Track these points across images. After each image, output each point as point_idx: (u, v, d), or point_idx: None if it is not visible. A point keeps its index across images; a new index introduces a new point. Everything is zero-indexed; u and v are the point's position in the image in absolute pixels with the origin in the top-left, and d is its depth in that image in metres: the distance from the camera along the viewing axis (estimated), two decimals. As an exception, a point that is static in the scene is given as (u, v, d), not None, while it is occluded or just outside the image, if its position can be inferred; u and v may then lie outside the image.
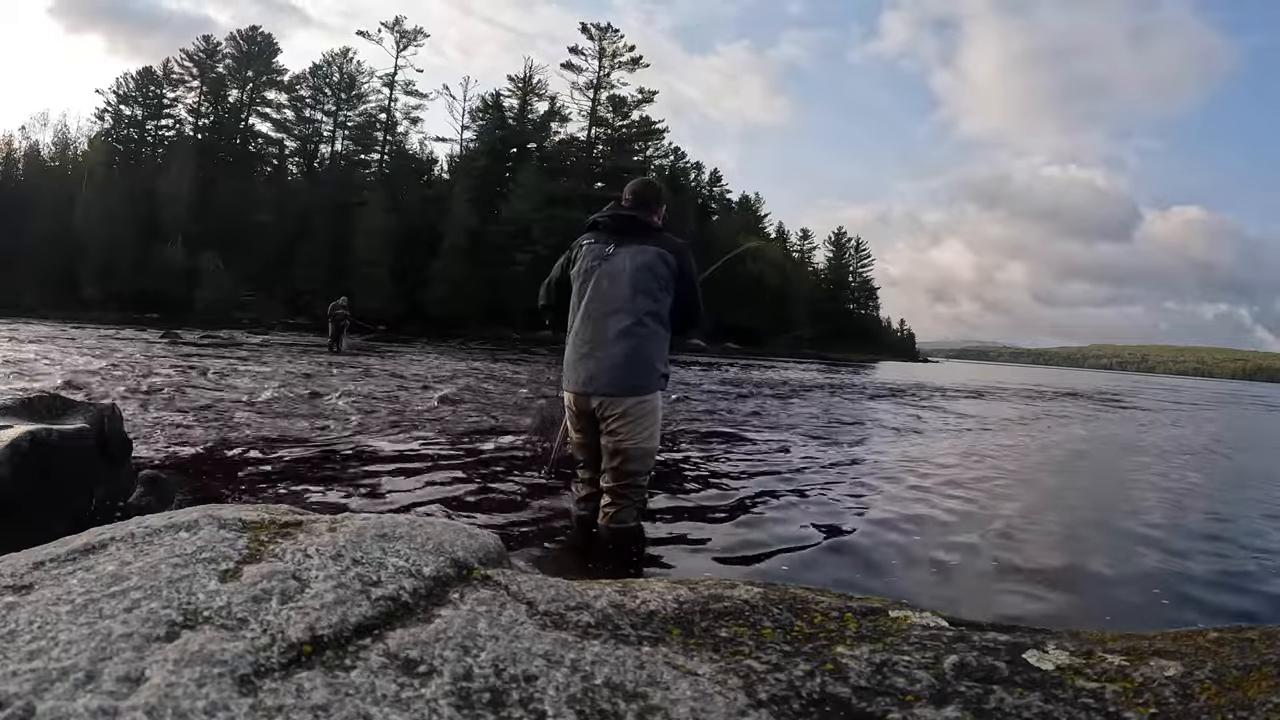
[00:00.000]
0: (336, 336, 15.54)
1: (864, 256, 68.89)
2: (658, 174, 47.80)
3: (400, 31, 48.25)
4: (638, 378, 2.39)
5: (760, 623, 1.01)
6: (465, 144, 48.96)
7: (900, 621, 1.05)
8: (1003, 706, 0.81)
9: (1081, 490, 4.65)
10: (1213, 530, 3.46)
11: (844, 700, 0.81)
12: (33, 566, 0.90)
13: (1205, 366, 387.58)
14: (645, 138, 49.99)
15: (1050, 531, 3.20)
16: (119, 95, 46.41)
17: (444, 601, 0.94)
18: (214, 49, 47.74)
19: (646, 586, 1.12)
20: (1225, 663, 0.93)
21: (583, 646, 0.87)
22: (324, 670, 0.74)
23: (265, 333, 24.98)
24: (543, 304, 2.72)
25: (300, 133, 48.69)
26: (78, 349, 11.00)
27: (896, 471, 4.48)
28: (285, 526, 1.08)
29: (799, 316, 55.27)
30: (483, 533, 1.20)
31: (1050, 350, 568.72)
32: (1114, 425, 9.93)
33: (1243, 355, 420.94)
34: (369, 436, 4.49)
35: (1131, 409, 13.94)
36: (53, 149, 45.12)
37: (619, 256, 2.44)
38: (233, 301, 37.03)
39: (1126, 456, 6.45)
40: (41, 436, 2.02)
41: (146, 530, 1.01)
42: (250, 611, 0.81)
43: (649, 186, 2.68)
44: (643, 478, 2.50)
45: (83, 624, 0.75)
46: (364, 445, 4.17)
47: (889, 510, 3.35)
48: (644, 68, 48.85)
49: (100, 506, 2.28)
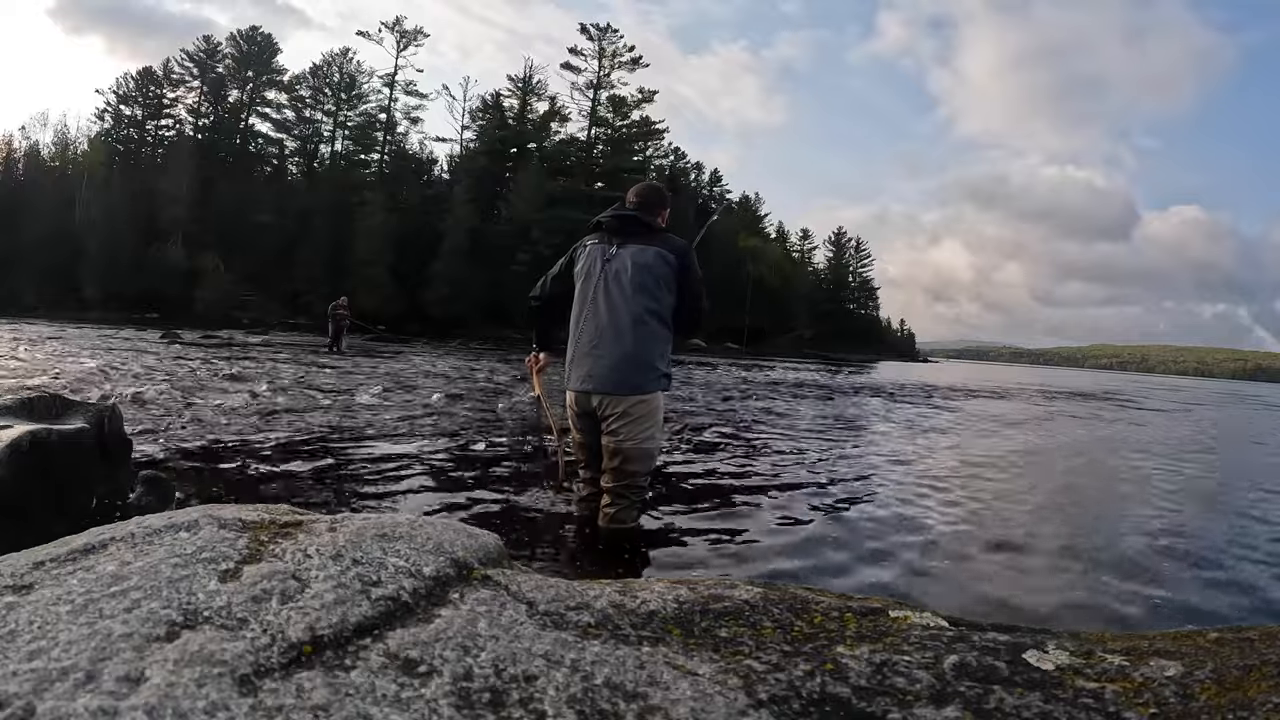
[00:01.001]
0: (336, 336, 15.56)
1: (864, 256, 68.97)
2: (658, 174, 47.79)
3: (400, 31, 48.24)
4: (638, 376, 2.40)
5: (760, 623, 1.01)
6: (465, 144, 48.95)
7: (900, 621, 1.05)
8: (1003, 706, 0.81)
9: (1087, 490, 4.65)
10: (1222, 529, 3.46)
11: (844, 700, 0.81)
12: (33, 566, 0.90)
13: (1205, 366, 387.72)
14: (645, 138, 49.93)
15: (1052, 531, 3.20)
16: (119, 95, 46.41)
17: (444, 601, 0.94)
18: (214, 49, 47.71)
19: (646, 586, 1.12)
20: (1225, 663, 0.93)
21: (583, 646, 0.87)
22: (324, 670, 0.74)
23: (265, 333, 24.99)
24: (534, 295, 2.70)
25: (300, 133, 48.66)
26: (78, 349, 11.00)
27: (898, 471, 4.48)
28: (285, 526, 1.08)
29: (799, 316, 55.29)
30: (483, 533, 1.20)
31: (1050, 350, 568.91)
32: (1121, 425, 9.93)
33: (1242, 355, 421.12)
34: (369, 436, 4.49)
35: (1139, 409, 13.94)
36: (53, 149, 45.13)
37: (621, 256, 2.45)
38: (232, 301, 37.01)
39: (1133, 456, 6.45)
40: (41, 436, 2.02)
41: (146, 530, 1.01)
42: (250, 611, 0.81)
43: (653, 189, 2.70)
44: (643, 478, 2.50)
45: (83, 624, 0.75)
46: (364, 445, 4.17)
47: (890, 510, 3.35)
48: (644, 68, 48.83)
49: (100, 506, 2.28)
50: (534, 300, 2.70)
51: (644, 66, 48.69)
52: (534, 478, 3.45)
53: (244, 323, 31.70)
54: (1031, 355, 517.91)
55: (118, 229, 37.79)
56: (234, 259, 38.92)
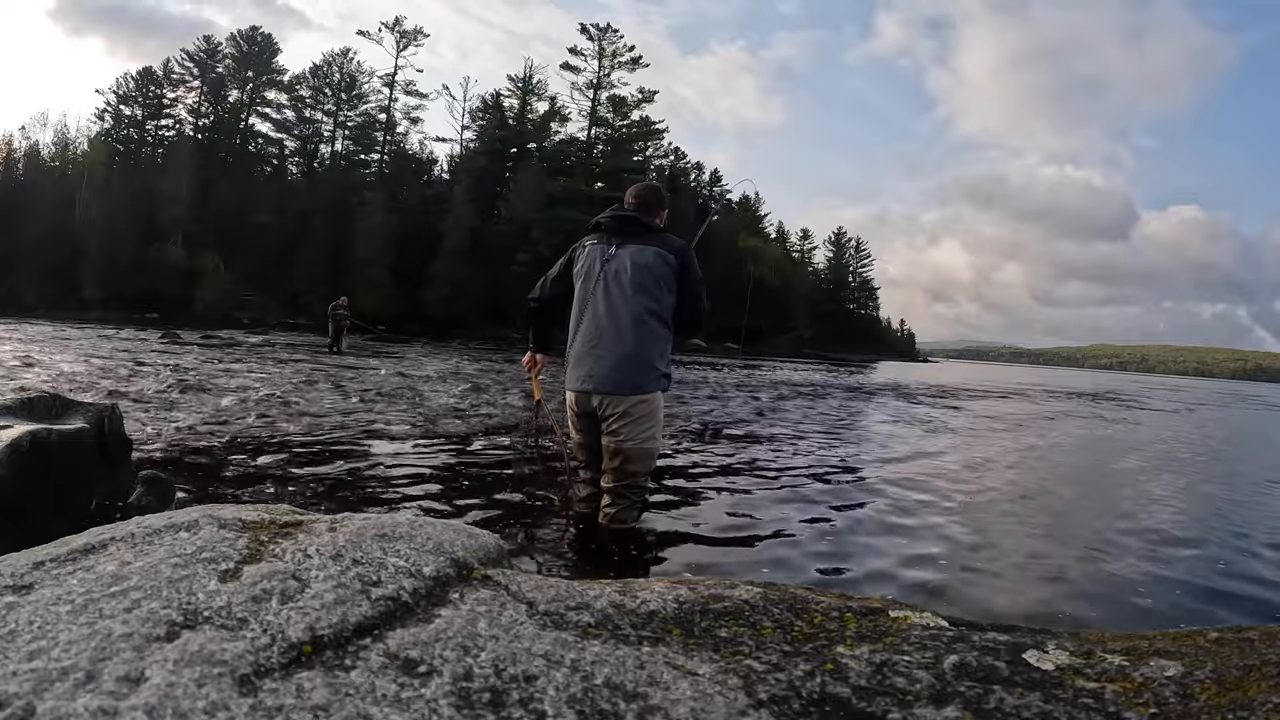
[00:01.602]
0: (336, 336, 15.55)
1: (864, 256, 68.96)
2: (658, 174, 47.75)
3: (400, 31, 48.21)
4: (639, 376, 2.40)
5: (760, 623, 1.01)
6: (465, 144, 48.91)
7: (900, 621, 1.05)
8: (1003, 706, 0.81)
9: (1091, 490, 4.65)
10: (1224, 529, 3.46)
11: (844, 700, 0.81)
12: (33, 566, 0.90)
13: (1205, 366, 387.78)
14: (645, 138, 49.89)
15: (1055, 532, 3.20)
16: (119, 95, 46.38)
17: (444, 601, 0.94)
18: (214, 49, 47.68)
19: (646, 586, 1.12)
20: (1225, 663, 0.93)
21: (583, 646, 0.87)
22: (324, 670, 0.74)
23: (265, 333, 24.98)
24: (533, 296, 2.69)
25: (300, 133, 48.62)
26: (78, 349, 10.99)
27: (899, 471, 4.48)
28: (285, 526, 1.08)
29: (799, 316, 55.26)
30: (483, 533, 1.20)
31: (1050, 350, 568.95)
32: (1128, 426, 9.92)
33: (1243, 355, 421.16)
34: (369, 436, 4.49)
35: (1147, 410, 13.93)
36: (53, 149, 45.10)
37: (620, 257, 2.45)
38: (232, 301, 36.99)
39: (1141, 456, 6.45)
40: (41, 436, 2.02)
41: (146, 530, 1.01)
42: (250, 611, 0.81)
43: (651, 190, 2.70)
44: (644, 478, 2.50)
45: (83, 624, 0.75)
46: (364, 445, 4.17)
47: (891, 509, 3.35)
48: (644, 68, 48.79)
49: (100, 506, 2.27)
50: (533, 301, 2.70)
51: (644, 67, 48.70)
52: (533, 478, 3.45)
53: (244, 323, 31.68)
54: (1031, 355, 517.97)
55: (118, 229, 37.76)
56: (234, 259, 38.90)
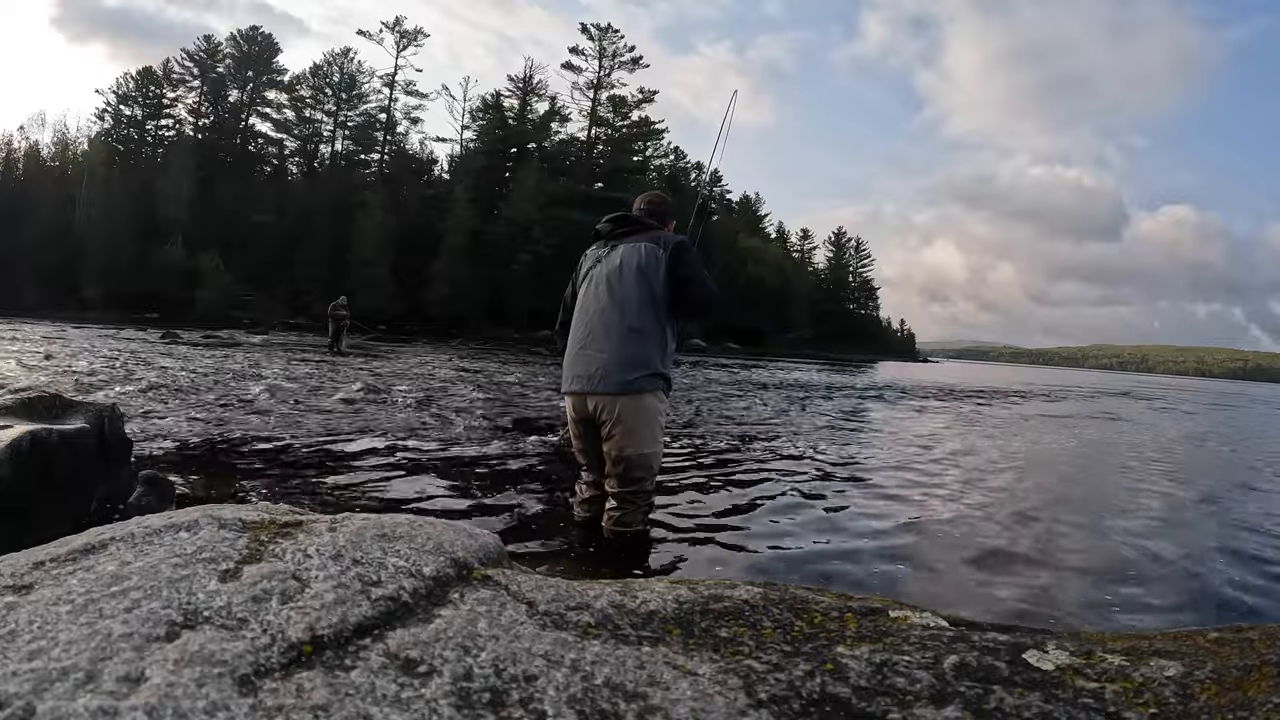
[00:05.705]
0: (336, 336, 15.55)
1: (864, 256, 69.04)
2: (658, 174, 47.72)
3: (400, 32, 48.20)
4: (629, 374, 2.32)
5: (760, 623, 1.01)
6: (465, 144, 48.89)
7: (900, 621, 1.05)
8: (1003, 706, 0.81)
9: (1093, 491, 4.65)
10: (1228, 529, 3.46)
11: (844, 700, 0.81)
12: (33, 566, 0.90)
13: (1204, 366, 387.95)
14: (645, 138, 49.87)
15: (1056, 532, 3.19)
16: (119, 95, 46.34)
17: (444, 601, 0.94)
18: (214, 49, 47.66)
19: (646, 586, 1.12)
20: (1225, 663, 0.93)
21: (583, 646, 0.87)
22: (324, 670, 0.74)
23: (265, 333, 24.98)
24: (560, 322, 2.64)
25: (300, 133, 48.60)
26: (78, 349, 10.99)
27: (899, 471, 4.48)
28: (285, 526, 1.08)
29: (799, 316, 55.25)
30: (483, 533, 1.20)
31: (1050, 350, 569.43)
32: (1130, 426, 9.92)
33: (1242, 355, 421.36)
34: (369, 436, 4.49)
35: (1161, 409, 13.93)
36: (52, 149, 45.08)
37: (615, 256, 2.44)
38: (233, 301, 36.95)
39: (1144, 456, 6.45)
40: (41, 436, 2.01)
41: (146, 530, 1.01)
42: (250, 611, 0.81)
43: (658, 199, 2.69)
44: (648, 483, 2.45)
45: (83, 624, 0.75)
46: (364, 445, 4.16)
47: (891, 510, 3.35)
48: (644, 68, 48.80)
49: (100, 506, 2.27)
50: (559, 328, 2.66)
51: (644, 67, 48.70)
52: (534, 479, 3.44)
53: (244, 323, 31.67)
54: (1032, 355, 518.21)
55: (118, 229, 37.73)
56: (234, 259, 38.87)
